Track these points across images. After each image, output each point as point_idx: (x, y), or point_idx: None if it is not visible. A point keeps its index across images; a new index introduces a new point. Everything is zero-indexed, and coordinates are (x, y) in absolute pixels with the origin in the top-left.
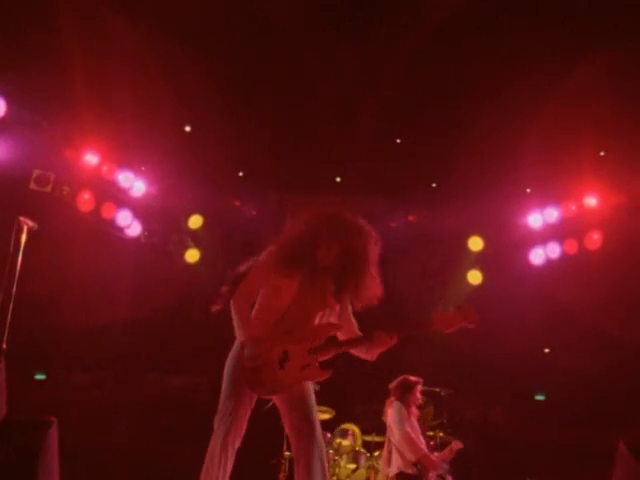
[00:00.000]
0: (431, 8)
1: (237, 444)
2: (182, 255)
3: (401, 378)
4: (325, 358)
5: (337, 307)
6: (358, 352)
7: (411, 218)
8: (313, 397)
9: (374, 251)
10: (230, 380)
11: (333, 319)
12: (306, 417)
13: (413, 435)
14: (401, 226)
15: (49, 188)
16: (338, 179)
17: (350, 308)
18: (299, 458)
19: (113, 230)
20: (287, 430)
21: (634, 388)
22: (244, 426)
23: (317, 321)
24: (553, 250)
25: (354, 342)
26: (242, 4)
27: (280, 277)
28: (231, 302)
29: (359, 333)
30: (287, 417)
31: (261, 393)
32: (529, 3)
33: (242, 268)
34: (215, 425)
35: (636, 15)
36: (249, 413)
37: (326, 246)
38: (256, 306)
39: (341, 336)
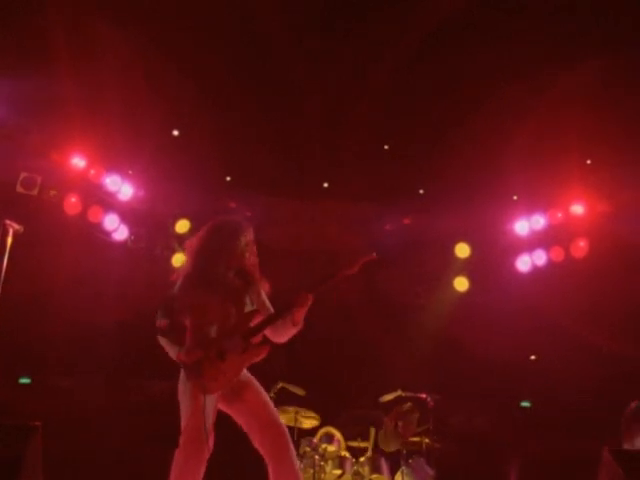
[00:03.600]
0: (418, 16)
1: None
2: (169, 259)
3: None
4: (258, 340)
5: (248, 298)
6: (285, 327)
7: (396, 224)
8: (266, 398)
9: (250, 237)
10: (186, 398)
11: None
12: (272, 420)
13: None
14: (388, 232)
15: (36, 191)
16: (325, 184)
17: (263, 293)
18: (279, 460)
19: (100, 234)
20: (257, 442)
21: (619, 395)
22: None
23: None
24: (539, 257)
25: (277, 314)
26: (229, 10)
27: (202, 295)
28: (158, 337)
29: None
30: (252, 427)
31: (215, 389)
32: (516, 10)
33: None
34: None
35: (625, 23)
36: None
37: (227, 249)
38: (189, 330)
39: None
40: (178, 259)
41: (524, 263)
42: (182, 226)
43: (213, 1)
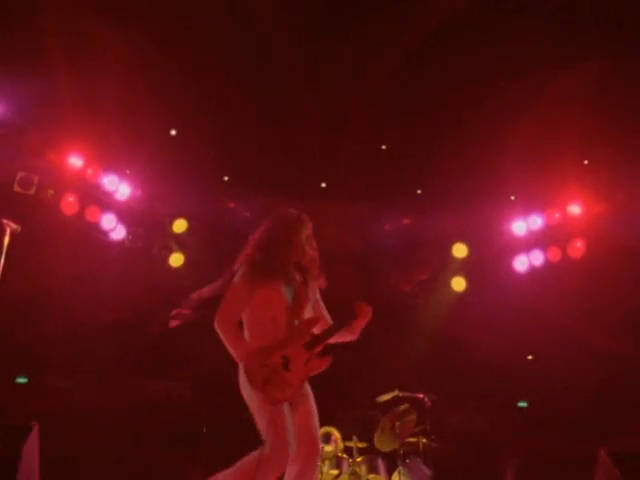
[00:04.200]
0: (417, 16)
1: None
2: (166, 259)
3: None
4: (319, 349)
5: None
6: (342, 335)
7: (394, 225)
8: (315, 411)
9: (309, 231)
10: (259, 406)
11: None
12: (313, 437)
13: None
14: (385, 232)
15: (33, 191)
16: (323, 185)
17: (318, 290)
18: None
19: (97, 233)
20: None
21: (617, 395)
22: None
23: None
24: (537, 257)
25: (339, 325)
26: (227, 11)
27: (266, 290)
28: (215, 325)
29: (330, 319)
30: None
31: (281, 399)
32: (516, 10)
33: (207, 290)
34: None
35: (623, 25)
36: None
37: (291, 244)
38: (247, 323)
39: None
40: (175, 259)
41: (521, 263)
42: (179, 226)
43: (212, 1)
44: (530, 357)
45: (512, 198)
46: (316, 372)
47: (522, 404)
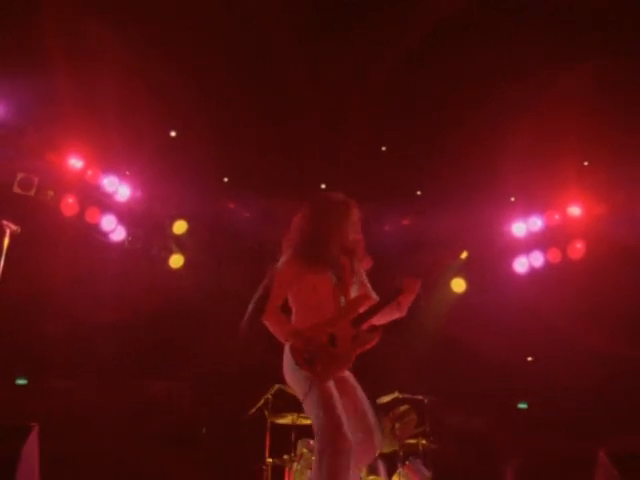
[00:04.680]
0: (417, 16)
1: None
2: (166, 260)
3: None
4: (366, 327)
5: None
6: (390, 312)
7: (393, 225)
8: (367, 403)
9: (355, 215)
10: (306, 391)
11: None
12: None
13: None
14: (385, 233)
15: (33, 192)
16: (323, 186)
17: (364, 275)
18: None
19: (97, 235)
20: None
21: (616, 396)
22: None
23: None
24: (537, 259)
25: (385, 301)
26: (227, 11)
27: (312, 275)
28: (264, 319)
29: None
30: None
31: (327, 376)
32: (515, 10)
33: (265, 282)
34: (331, 440)
35: (622, 25)
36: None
37: (338, 228)
38: (295, 307)
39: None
40: (175, 260)
41: (521, 264)
42: (179, 227)
43: (212, 1)
44: (530, 359)
45: (512, 199)
46: (366, 347)
47: (522, 405)
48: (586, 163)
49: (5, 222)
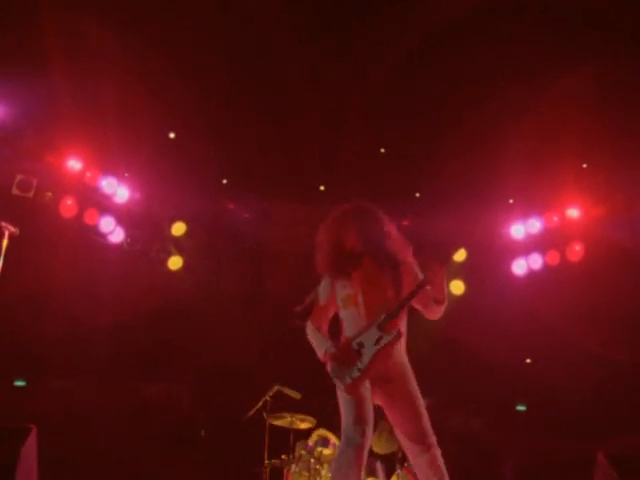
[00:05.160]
0: (417, 16)
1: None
2: (165, 262)
3: None
4: (397, 324)
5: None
6: (431, 306)
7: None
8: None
9: (389, 226)
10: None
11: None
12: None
13: None
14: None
15: (31, 194)
16: (322, 187)
17: (415, 266)
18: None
19: (96, 236)
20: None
21: (614, 398)
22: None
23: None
24: (535, 261)
25: (409, 297)
26: (227, 11)
27: (343, 287)
28: (307, 323)
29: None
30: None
31: (355, 387)
32: (515, 12)
33: (308, 300)
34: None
35: (623, 26)
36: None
37: (357, 237)
38: (343, 322)
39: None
40: (174, 262)
41: (520, 266)
42: (178, 229)
43: (211, 1)
44: (529, 360)
45: (511, 201)
46: (390, 347)
47: (521, 407)
48: (585, 165)
49: (4, 224)
